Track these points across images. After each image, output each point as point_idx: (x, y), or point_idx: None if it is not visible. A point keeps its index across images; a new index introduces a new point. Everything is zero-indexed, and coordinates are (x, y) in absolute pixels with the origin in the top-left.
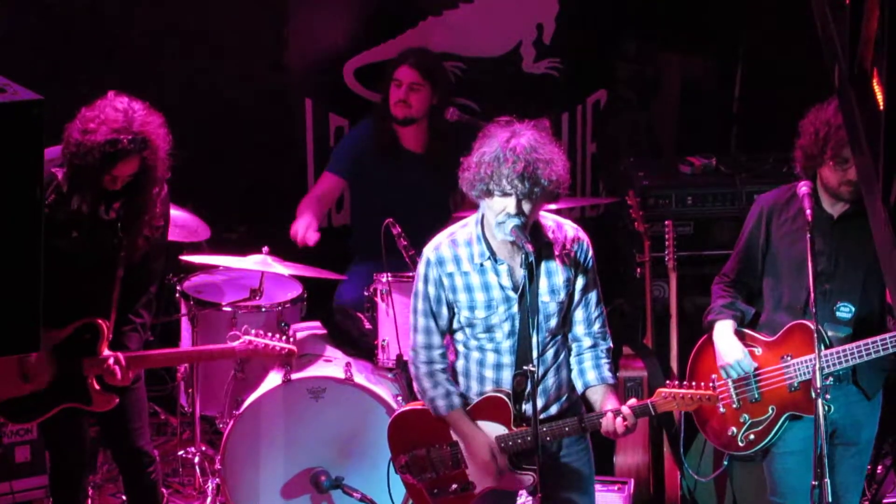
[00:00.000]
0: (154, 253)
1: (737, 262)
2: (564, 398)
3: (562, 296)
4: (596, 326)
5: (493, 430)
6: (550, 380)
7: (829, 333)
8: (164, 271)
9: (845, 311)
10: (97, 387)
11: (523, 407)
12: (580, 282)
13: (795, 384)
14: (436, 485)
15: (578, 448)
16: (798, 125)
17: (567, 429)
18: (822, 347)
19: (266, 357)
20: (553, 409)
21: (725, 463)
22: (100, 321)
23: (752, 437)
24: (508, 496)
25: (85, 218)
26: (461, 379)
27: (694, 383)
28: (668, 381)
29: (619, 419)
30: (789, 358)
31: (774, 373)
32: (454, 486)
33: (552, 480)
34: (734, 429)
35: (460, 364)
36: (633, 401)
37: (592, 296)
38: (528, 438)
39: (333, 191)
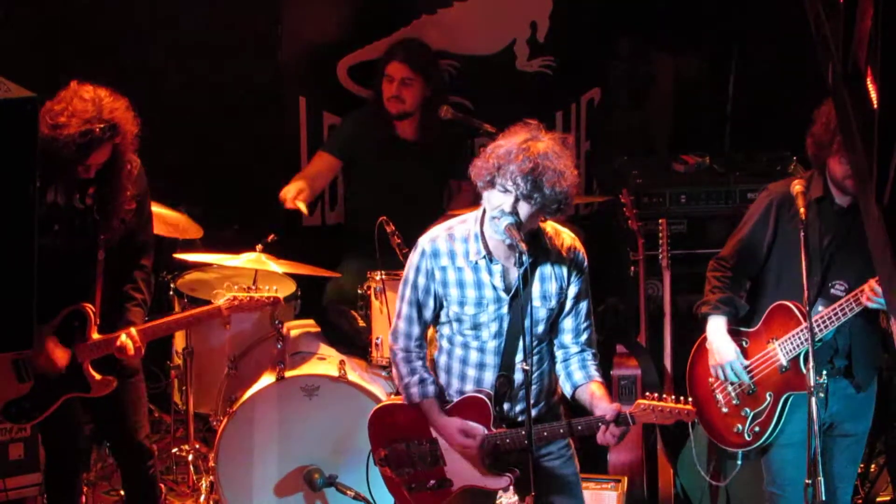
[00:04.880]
0: (140, 226)
1: (738, 248)
2: (543, 404)
3: (553, 303)
4: (584, 337)
5: None
6: (532, 385)
7: (820, 308)
8: (155, 247)
9: (840, 288)
10: (93, 372)
11: (504, 409)
12: (572, 290)
13: (785, 364)
14: (413, 480)
15: (559, 450)
16: (813, 114)
17: (546, 433)
18: (813, 342)
19: (253, 309)
20: (531, 413)
21: (739, 463)
22: (86, 306)
23: (757, 429)
24: (486, 496)
25: (62, 210)
26: (442, 375)
27: (673, 397)
28: (647, 393)
29: (608, 433)
30: (774, 341)
31: (763, 359)
32: (432, 482)
33: (536, 483)
34: (739, 425)
35: (442, 360)
36: (614, 406)
37: (583, 306)
38: (507, 440)
39: (327, 170)
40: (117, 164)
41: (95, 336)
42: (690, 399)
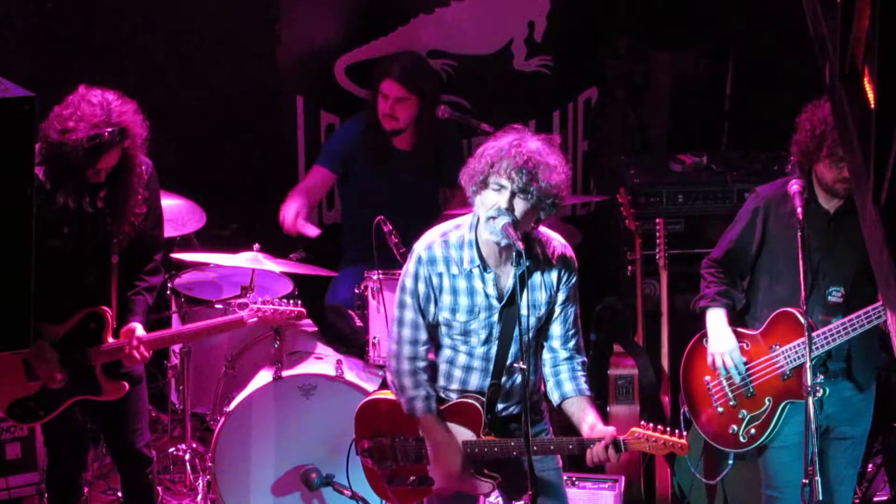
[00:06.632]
0: (151, 224)
1: (728, 250)
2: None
3: (541, 311)
4: (572, 343)
5: (461, 434)
6: (517, 383)
7: (820, 317)
8: (165, 240)
9: (836, 295)
10: (105, 376)
11: (495, 409)
12: (561, 297)
13: (788, 372)
14: (394, 474)
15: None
16: (794, 121)
17: (535, 448)
18: (811, 346)
19: (275, 322)
20: (515, 410)
21: (731, 462)
22: (104, 309)
23: (753, 431)
24: (467, 499)
25: (72, 212)
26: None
27: (668, 429)
28: (642, 422)
29: (603, 455)
30: (777, 347)
31: (765, 364)
32: (412, 478)
33: (521, 484)
34: (734, 426)
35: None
36: (610, 429)
37: (571, 312)
38: (496, 449)
39: (323, 184)
40: (127, 168)
41: (111, 340)
42: (685, 434)
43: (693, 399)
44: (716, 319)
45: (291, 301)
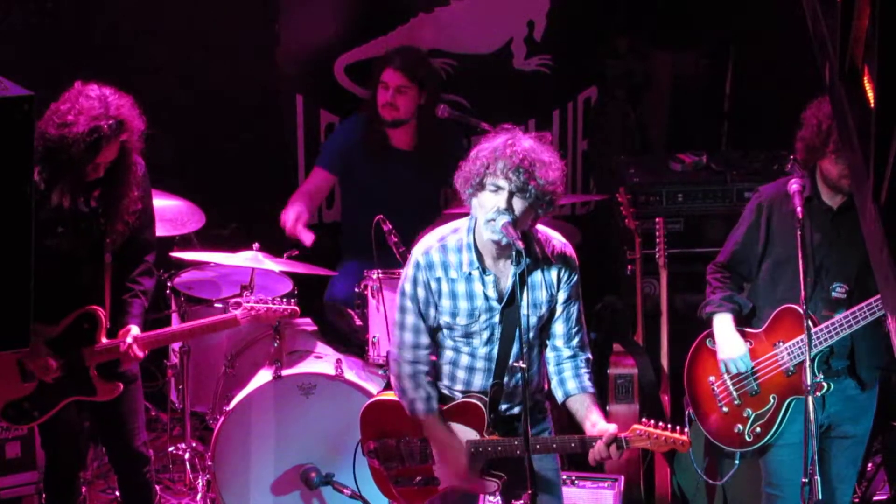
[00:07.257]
0: (143, 224)
1: (733, 252)
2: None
3: (543, 310)
4: (575, 341)
5: (465, 434)
6: (519, 384)
7: (823, 313)
8: (162, 239)
9: (840, 291)
10: (99, 377)
11: (499, 408)
12: (562, 295)
13: (791, 368)
14: (400, 474)
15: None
16: (797, 119)
17: (538, 446)
18: (811, 345)
19: (268, 320)
20: (518, 409)
21: (737, 463)
22: (97, 309)
23: (758, 430)
24: (471, 498)
25: (67, 212)
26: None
27: (669, 426)
28: (643, 420)
29: (605, 452)
30: (781, 344)
31: (769, 361)
32: (418, 478)
33: (521, 483)
34: (740, 426)
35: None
36: (612, 427)
37: (574, 311)
38: (500, 448)
39: (323, 186)
40: (124, 164)
41: (104, 340)
42: (687, 429)
43: (698, 400)
44: (723, 325)
45: (286, 300)
